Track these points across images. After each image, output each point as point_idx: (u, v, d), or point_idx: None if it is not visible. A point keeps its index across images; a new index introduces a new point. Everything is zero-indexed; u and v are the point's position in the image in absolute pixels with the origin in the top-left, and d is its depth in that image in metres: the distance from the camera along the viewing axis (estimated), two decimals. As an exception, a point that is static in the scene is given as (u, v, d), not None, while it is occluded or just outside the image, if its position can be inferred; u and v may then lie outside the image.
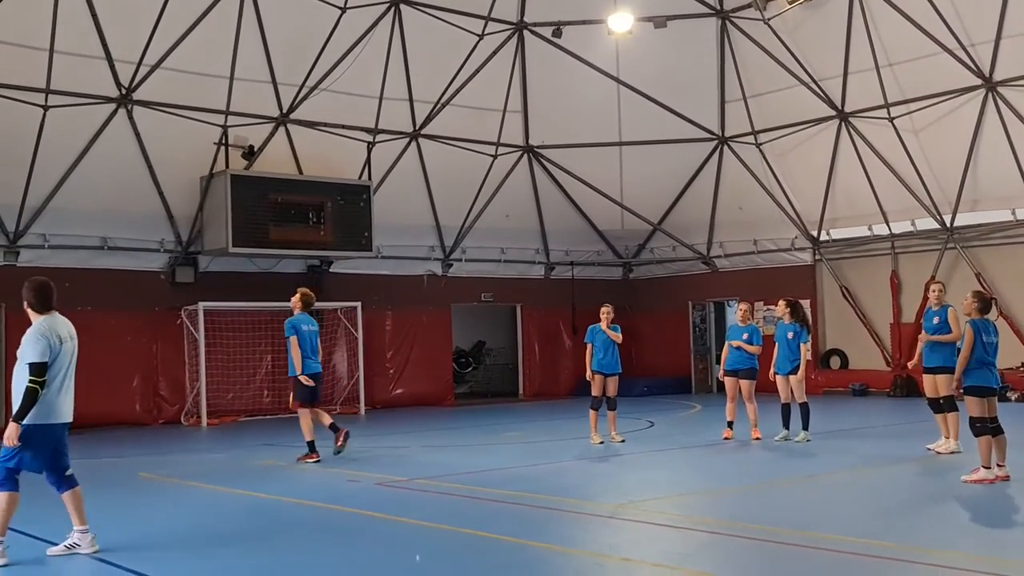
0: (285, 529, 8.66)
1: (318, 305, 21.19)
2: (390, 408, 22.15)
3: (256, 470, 12.73)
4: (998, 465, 9.78)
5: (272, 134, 20.39)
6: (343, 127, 21.07)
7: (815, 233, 23.45)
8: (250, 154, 19.99)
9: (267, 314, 20.63)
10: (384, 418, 20.18)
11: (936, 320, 11.92)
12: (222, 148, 19.71)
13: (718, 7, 22.05)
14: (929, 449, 12.14)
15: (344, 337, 21.86)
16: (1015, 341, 19.66)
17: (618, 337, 14.02)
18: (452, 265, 23.89)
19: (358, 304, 21.46)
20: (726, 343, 14.39)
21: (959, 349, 10.19)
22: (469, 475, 11.43)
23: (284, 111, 20.25)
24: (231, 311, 20.08)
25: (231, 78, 19.08)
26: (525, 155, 23.87)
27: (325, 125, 20.87)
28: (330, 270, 21.82)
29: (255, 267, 20.95)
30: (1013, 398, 19.05)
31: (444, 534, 8.20)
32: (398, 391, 22.75)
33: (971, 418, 9.83)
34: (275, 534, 8.46)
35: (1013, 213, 20.40)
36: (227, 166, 19.67)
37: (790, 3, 20.53)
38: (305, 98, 20.21)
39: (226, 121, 19.64)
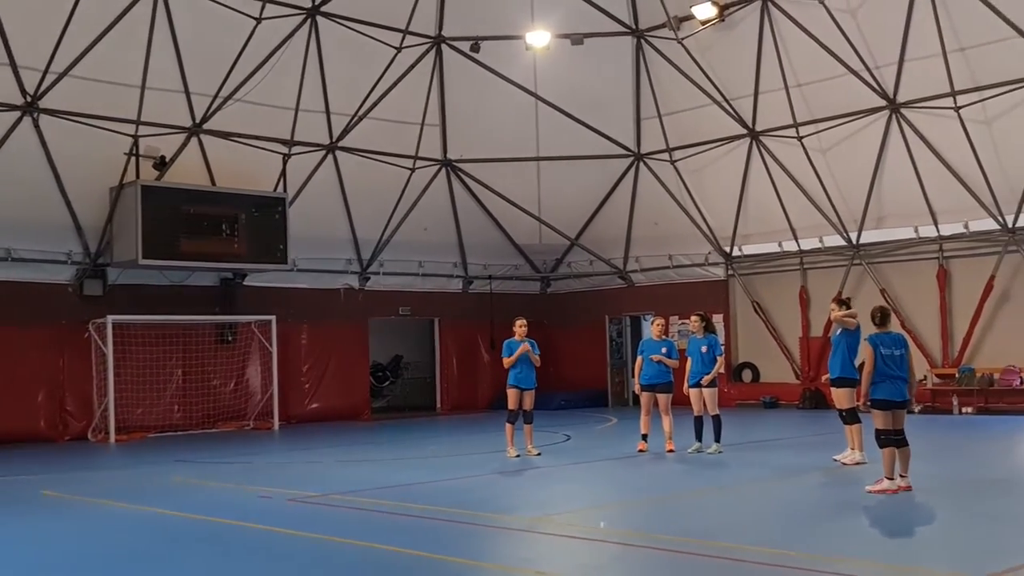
0: (194, 548, 8.50)
1: (231, 318, 21.17)
2: (305, 423, 21.85)
3: (166, 487, 12.46)
4: (900, 476, 10.05)
5: (184, 144, 20.02)
6: (258, 138, 20.81)
7: (728, 249, 23.90)
8: (161, 164, 19.61)
9: (178, 328, 20.26)
10: (299, 433, 19.92)
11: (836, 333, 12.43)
12: (132, 158, 19.29)
13: (634, 26, 22.39)
14: (835, 460, 12.46)
15: (258, 351, 21.53)
16: (918, 355, 20.24)
17: (537, 360, 14.14)
18: (369, 278, 23.72)
19: (272, 317, 21.16)
20: (639, 356, 14.57)
21: (861, 362, 10.46)
22: (384, 490, 11.36)
23: (197, 121, 19.90)
24: (141, 325, 19.65)
25: (142, 87, 18.69)
26: (443, 169, 23.85)
27: (239, 136, 20.57)
28: (244, 283, 21.48)
29: (166, 280, 20.52)
30: (917, 410, 19.59)
31: (357, 550, 8.14)
32: (314, 406, 22.45)
33: (876, 430, 10.09)
34: (184, 553, 8.29)
35: (916, 231, 21.07)
36: (138, 176, 19.24)
37: (703, 24, 20.97)
38: (219, 108, 19.91)
39: (137, 131, 19.22)
